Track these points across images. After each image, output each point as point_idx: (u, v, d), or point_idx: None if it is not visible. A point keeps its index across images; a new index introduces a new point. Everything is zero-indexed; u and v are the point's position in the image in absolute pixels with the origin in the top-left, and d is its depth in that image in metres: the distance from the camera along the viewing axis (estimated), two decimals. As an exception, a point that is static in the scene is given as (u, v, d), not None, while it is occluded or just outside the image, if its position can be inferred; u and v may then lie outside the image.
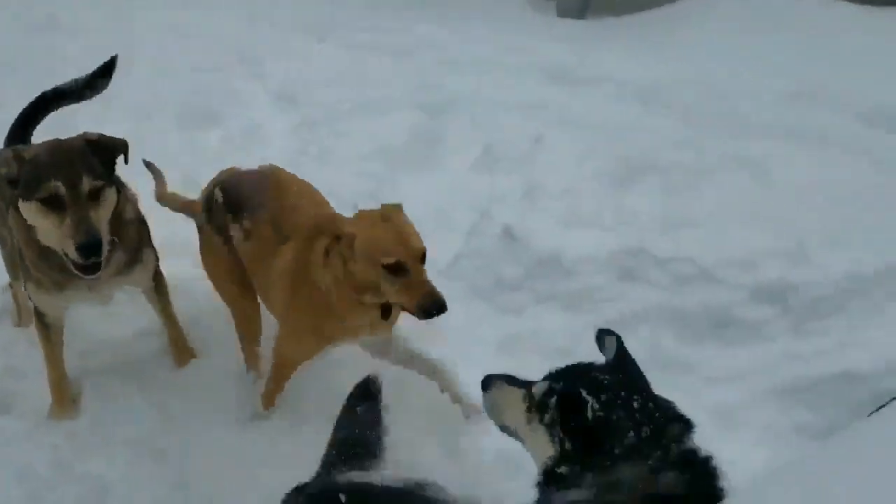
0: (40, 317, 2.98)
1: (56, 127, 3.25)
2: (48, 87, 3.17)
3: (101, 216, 2.57)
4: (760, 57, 5.21)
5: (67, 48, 5.54)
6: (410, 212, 3.70)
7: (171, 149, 4.40)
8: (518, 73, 5.14)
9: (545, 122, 4.44)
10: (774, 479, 1.38)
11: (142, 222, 2.99)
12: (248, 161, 4.29)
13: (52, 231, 2.52)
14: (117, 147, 2.71)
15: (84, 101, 3.25)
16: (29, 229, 2.66)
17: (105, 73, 3.18)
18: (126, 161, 2.75)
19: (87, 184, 2.51)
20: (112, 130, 2.78)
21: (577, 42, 5.46)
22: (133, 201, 2.95)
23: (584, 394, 1.65)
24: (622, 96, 4.73)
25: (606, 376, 1.75)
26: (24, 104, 3.14)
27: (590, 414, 1.63)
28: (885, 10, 5.90)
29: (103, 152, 2.65)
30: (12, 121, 3.13)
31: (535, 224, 3.48)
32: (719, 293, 3.06)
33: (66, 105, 3.21)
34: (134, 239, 2.91)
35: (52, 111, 3.19)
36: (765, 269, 3.11)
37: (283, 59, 5.48)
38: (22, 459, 2.83)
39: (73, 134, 2.73)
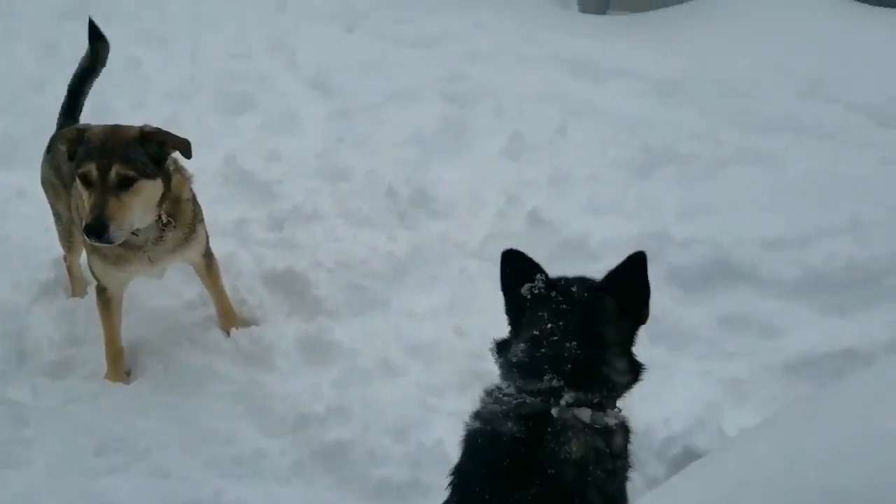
0: (102, 292, 3.16)
1: (94, 110, 3.49)
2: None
3: (127, 204, 2.69)
4: (776, 54, 5.31)
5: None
6: (444, 196, 3.93)
7: (212, 132, 4.60)
8: (541, 66, 5.29)
9: (568, 112, 4.63)
10: (765, 424, 1.58)
11: (195, 202, 3.17)
12: (288, 145, 4.51)
13: (82, 207, 2.75)
14: (173, 144, 2.82)
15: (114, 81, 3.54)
16: None
17: (95, 37, 3.37)
18: (188, 157, 2.89)
19: (116, 172, 2.66)
20: (152, 113, 2.99)
21: (599, 37, 5.60)
22: (189, 182, 3.16)
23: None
24: (642, 90, 4.88)
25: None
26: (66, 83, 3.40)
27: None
28: (899, 10, 6.01)
29: (153, 146, 2.77)
30: (60, 99, 3.41)
31: (561, 209, 3.68)
32: (735, 275, 3.26)
33: (94, 80, 3.44)
34: (189, 217, 3.09)
35: (87, 88, 3.42)
36: (776, 253, 3.32)
37: (313, 47, 5.62)
38: (86, 417, 3.06)
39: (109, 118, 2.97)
